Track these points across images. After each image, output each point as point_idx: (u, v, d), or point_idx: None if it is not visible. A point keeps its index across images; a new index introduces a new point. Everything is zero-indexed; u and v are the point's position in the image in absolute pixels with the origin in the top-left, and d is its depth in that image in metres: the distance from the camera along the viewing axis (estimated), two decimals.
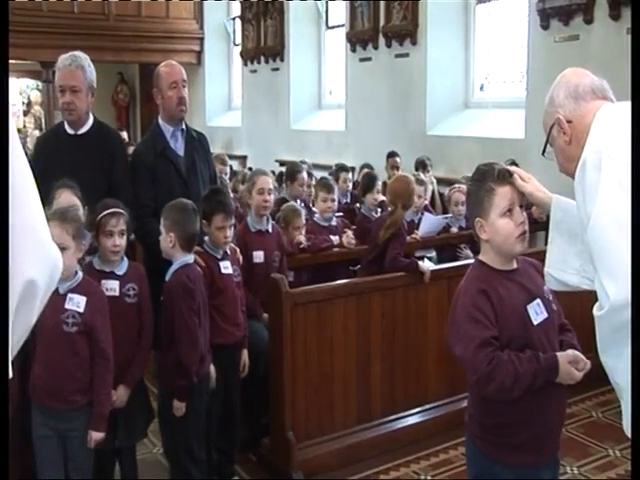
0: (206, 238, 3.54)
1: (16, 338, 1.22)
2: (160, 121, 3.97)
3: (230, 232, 3.53)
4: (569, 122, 2.09)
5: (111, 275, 3.12)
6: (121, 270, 3.15)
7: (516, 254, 2.33)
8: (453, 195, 5.39)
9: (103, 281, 3.09)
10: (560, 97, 2.13)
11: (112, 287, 3.10)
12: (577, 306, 3.20)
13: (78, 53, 3.75)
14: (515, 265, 2.35)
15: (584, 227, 1.92)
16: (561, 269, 2.30)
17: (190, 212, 3.30)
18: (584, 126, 2.05)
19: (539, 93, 6.14)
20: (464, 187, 5.62)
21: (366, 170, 6.55)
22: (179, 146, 3.93)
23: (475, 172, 2.38)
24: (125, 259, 3.20)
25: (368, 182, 5.20)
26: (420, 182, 5.31)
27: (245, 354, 3.64)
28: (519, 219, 2.29)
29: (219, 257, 3.54)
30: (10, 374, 1.16)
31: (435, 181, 6.56)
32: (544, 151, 2.25)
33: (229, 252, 3.63)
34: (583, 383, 2.22)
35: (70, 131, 3.73)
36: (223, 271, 3.53)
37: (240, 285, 3.67)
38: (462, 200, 5.34)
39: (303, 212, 4.67)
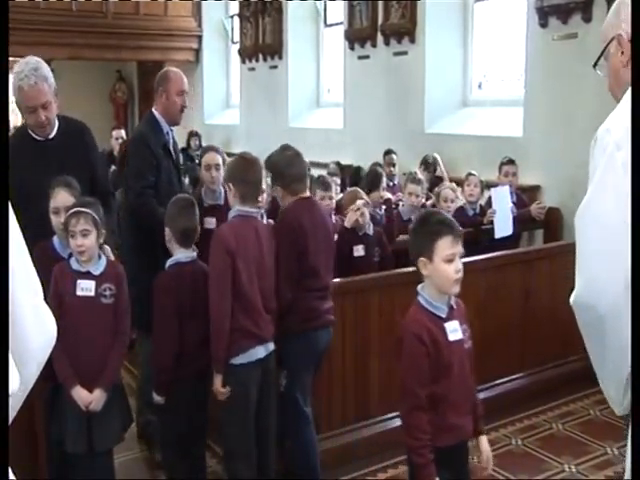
0: (420, 287, 2.57)
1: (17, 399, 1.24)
2: (158, 117, 4.16)
3: (461, 264, 2.50)
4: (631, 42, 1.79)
5: (87, 275, 3.08)
6: (97, 270, 3.10)
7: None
8: (442, 192, 5.46)
9: (78, 281, 3.06)
10: (627, 11, 1.80)
11: (87, 287, 3.07)
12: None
13: (33, 62, 3.44)
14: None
15: None
16: None
17: (188, 208, 3.39)
18: None
19: (537, 91, 6.18)
20: (454, 185, 5.66)
21: (372, 167, 6.54)
22: (171, 143, 4.20)
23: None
24: (103, 258, 3.15)
25: (373, 179, 5.19)
26: (417, 181, 5.33)
27: (484, 444, 2.67)
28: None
29: (444, 316, 2.50)
30: (17, 385, 1.16)
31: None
32: (596, 64, 1.98)
33: (454, 305, 2.56)
34: (581, 382, 2.23)
35: (39, 138, 3.57)
36: (451, 338, 2.49)
37: (471, 354, 2.61)
38: (451, 197, 5.38)
39: None
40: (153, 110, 4.20)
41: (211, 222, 4.18)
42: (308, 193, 3.55)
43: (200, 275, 3.30)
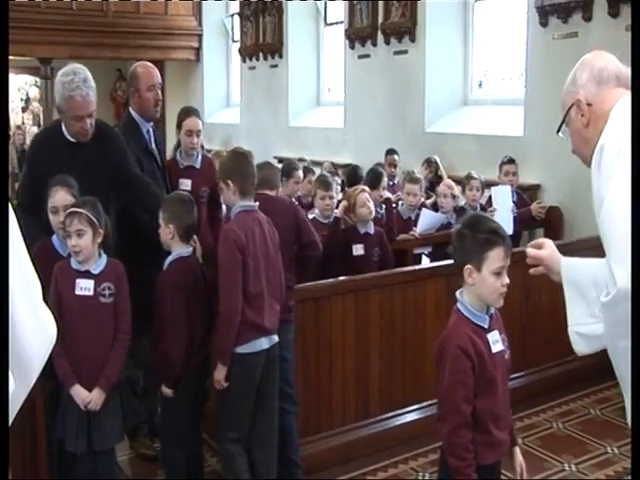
0: (459, 293, 2.43)
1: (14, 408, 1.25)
2: (135, 116, 4.09)
3: (507, 279, 2.39)
4: (589, 105, 2.07)
5: (86, 274, 3.08)
6: (97, 269, 3.10)
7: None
8: (439, 188, 5.53)
9: (77, 280, 3.06)
10: (583, 79, 2.12)
11: (86, 286, 3.06)
12: None
13: (81, 71, 3.46)
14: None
15: (597, 212, 1.90)
16: (584, 322, 2.12)
17: (187, 204, 3.40)
18: (603, 112, 2.02)
19: (538, 90, 6.18)
20: (451, 181, 5.66)
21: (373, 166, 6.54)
22: (152, 141, 4.16)
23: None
24: (103, 257, 3.15)
25: (373, 178, 5.19)
26: (415, 180, 5.35)
27: (518, 455, 2.57)
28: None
29: (486, 326, 2.40)
30: (12, 385, 1.17)
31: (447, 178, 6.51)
32: (559, 130, 2.22)
33: (495, 314, 2.48)
34: (581, 381, 2.23)
35: (72, 139, 3.56)
36: (494, 349, 2.39)
37: (509, 365, 2.52)
38: (445, 193, 5.38)
39: None
40: (130, 110, 4.13)
41: (186, 183, 4.16)
42: (269, 192, 3.61)
43: (198, 268, 3.36)
